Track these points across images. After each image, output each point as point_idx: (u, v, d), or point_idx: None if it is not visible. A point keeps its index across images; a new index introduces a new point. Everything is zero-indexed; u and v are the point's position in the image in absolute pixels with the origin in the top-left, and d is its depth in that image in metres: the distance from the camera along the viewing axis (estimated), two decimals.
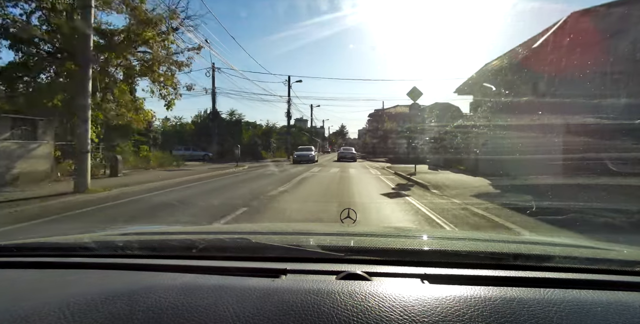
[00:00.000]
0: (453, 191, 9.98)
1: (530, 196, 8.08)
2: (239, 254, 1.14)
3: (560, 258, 1.14)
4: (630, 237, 5.01)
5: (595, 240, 1.53)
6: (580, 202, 6.78)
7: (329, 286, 0.82)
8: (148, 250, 1.24)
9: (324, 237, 1.48)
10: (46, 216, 6.66)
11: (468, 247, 1.23)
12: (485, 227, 5.86)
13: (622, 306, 0.77)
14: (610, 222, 5.73)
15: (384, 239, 1.48)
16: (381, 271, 0.97)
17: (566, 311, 0.73)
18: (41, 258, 1.15)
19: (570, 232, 5.01)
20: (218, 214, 6.59)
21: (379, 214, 7.01)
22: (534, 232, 5.08)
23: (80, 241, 1.37)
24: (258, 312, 0.71)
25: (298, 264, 1.00)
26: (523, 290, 0.82)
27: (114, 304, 0.75)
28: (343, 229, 1.90)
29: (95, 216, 6.85)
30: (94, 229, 3.32)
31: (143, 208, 7.72)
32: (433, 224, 6.00)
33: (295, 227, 2.17)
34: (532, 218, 6.12)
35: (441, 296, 0.77)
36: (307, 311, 0.71)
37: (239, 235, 1.42)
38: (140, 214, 7.05)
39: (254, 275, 0.93)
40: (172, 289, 0.81)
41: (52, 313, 0.73)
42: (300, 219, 6.55)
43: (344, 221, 2.18)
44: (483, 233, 1.80)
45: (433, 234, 2.08)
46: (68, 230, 4.12)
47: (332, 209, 6.86)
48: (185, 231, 1.85)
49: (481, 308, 0.73)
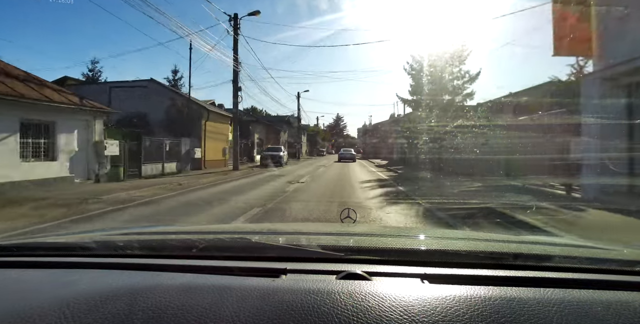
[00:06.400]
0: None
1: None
2: (239, 253, 1.14)
3: (560, 257, 1.14)
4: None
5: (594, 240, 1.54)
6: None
7: (329, 285, 0.82)
8: (148, 250, 1.24)
9: (324, 237, 1.48)
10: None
11: (468, 247, 1.23)
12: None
13: (622, 306, 0.77)
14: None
15: (384, 239, 1.48)
16: (381, 271, 0.97)
17: (566, 311, 0.73)
18: (41, 258, 1.16)
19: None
20: None
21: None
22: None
23: (80, 241, 1.37)
24: (258, 312, 0.71)
25: (298, 264, 1.00)
26: (523, 290, 0.82)
27: (114, 304, 0.75)
28: (343, 228, 1.90)
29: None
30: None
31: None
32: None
33: (295, 227, 2.17)
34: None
35: (441, 296, 0.77)
36: (307, 311, 0.71)
37: (239, 235, 1.42)
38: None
39: (254, 275, 0.93)
40: (172, 289, 0.81)
41: (52, 313, 0.73)
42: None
43: (344, 221, 2.18)
44: (483, 233, 1.80)
45: (433, 234, 2.08)
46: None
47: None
48: (185, 230, 1.85)
49: (481, 308, 0.73)
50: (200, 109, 23.09)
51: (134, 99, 21.01)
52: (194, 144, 21.26)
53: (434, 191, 10.89)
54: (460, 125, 16.13)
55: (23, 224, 6.18)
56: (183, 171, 19.40)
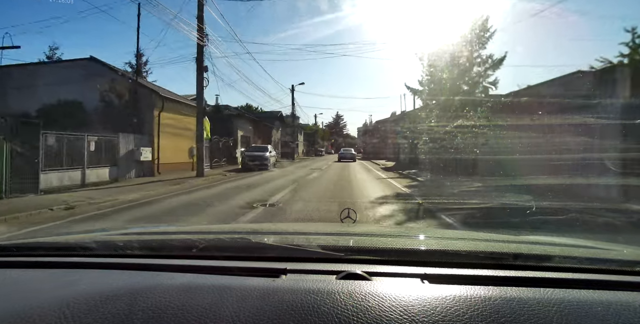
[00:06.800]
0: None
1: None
2: (239, 254, 1.15)
3: (560, 258, 1.14)
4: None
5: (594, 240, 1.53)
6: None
7: (329, 285, 0.82)
8: (148, 250, 1.24)
9: (324, 237, 1.48)
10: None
11: (468, 247, 1.23)
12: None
13: (622, 306, 0.77)
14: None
15: (384, 239, 1.48)
16: (381, 271, 0.97)
17: (566, 311, 0.73)
18: (41, 258, 1.16)
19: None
20: None
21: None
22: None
23: (81, 241, 1.37)
24: (258, 312, 0.71)
25: (298, 264, 1.01)
26: (523, 290, 0.82)
27: (114, 304, 0.75)
28: (343, 229, 1.91)
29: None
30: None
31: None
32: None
33: (295, 227, 2.17)
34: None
35: (441, 296, 0.77)
36: (307, 311, 0.71)
37: (239, 235, 1.42)
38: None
39: (254, 275, 0.93)
40: (172, 289, 0.81)
41: (52, 313, 0.73)
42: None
43: (344, 221, 2.18)
44: (483, 233, 1.81)
45: (433, 234, 2.08)
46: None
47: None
48: (186, 230, 1.86)
49: (481, 308, 0.73)
50: (152, 95, 16.70)
51: (70, 83, 15.78)
52: (141, 142, 15.41)
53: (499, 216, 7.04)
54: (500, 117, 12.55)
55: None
56: (121, 178, 14.01)
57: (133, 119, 15.53)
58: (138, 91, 16.18)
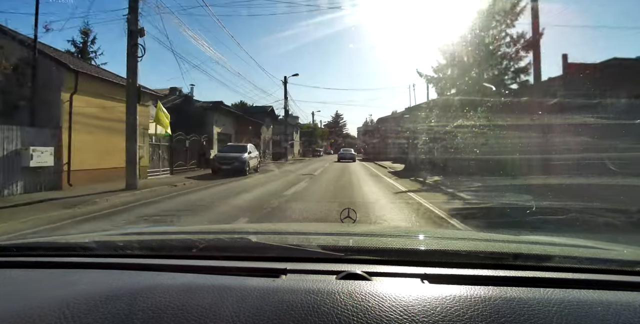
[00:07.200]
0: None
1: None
2: (239, 254, 1.15)
3: (560, 257, 1.15)
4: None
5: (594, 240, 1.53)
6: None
7: (329, 286, 0.82)
8: (148, 250, 1.24)
9: (324, 237, 1.49)
10: None
11: (468, 247, 1.24)
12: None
13: (622, 306, 0.77)
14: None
15: (384, 239, 1.48)
16: (381, 271, 0.97)
17: (566, 311, 0.73)
18: (41, 258, 1.15)
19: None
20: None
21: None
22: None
23: (81, 241, 1.37)
24: (258, 312, 0.71)
25: (298, 264, 1.00)
26: (523, 290, 0.82)
27: (114, 304, 0.75)
28: (343, 229, 1.91)
29: None
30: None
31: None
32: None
33: (295, 227, 2.18)
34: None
35: (441, 296, 0.77)
36: (307, 311, 0.71)
37: (239, 235, 1.43)
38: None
39: (254, 275, 0.93)
40: (172, 289, 0.81)
41: (52, 313, 0.73)
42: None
43: (344, 221, 2.19)
44: (483, 233, 1.81)
45: (433, 234, 2.09)
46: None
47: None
48: (185, 230, 1.86)
49: (481, 308, 0.73)
50: (58, 68, 11.10)
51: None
52: (36, 139, 10.22)
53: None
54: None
55: None
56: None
57: (20, 102, 10.46)
58: (38, 61, 10.71)
